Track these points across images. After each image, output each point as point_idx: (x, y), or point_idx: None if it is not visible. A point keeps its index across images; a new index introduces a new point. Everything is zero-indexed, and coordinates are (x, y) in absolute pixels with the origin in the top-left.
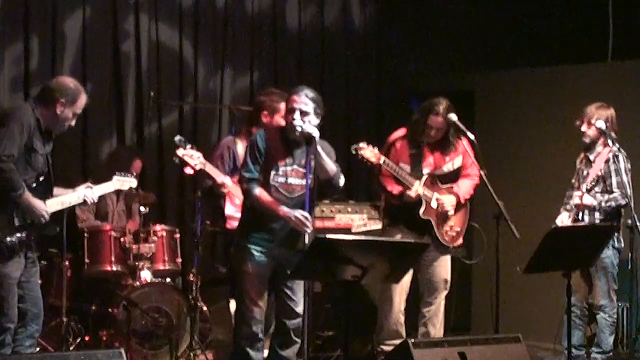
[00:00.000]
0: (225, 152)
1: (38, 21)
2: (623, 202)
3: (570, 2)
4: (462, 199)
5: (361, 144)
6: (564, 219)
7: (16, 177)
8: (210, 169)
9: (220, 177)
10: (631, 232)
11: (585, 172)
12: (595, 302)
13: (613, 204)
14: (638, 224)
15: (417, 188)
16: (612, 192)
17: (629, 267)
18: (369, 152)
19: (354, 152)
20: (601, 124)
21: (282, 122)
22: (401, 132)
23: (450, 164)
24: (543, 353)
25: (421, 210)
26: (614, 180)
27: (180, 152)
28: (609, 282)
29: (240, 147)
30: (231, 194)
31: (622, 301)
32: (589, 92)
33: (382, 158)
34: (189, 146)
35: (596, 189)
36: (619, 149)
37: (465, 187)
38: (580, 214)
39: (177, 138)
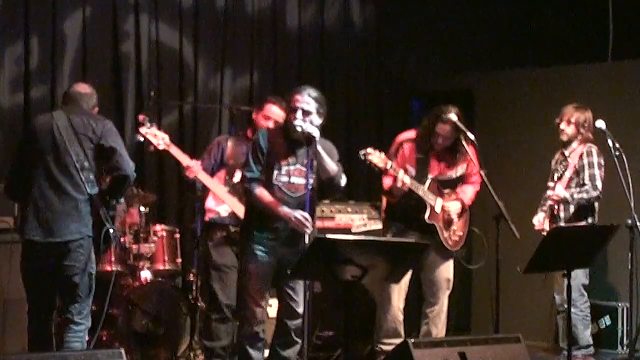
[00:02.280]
0: (215, 147)
1: (38, 21)
2: (594, 194)
3: (570, 2)
4: (467, 205)
5: (369, 150)
6: (540, 219)
7: None
8: (175, 151)
9: (186, 161)
10: (631, 232)
11: (560, 171)
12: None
13: (584, 195)
14: (638, 224)
15: (403, 177)
16: (584, 184)
17: (629, 267)
18: (376, 158)
19: (362, 158)
20: (601, 124)
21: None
22: (411, 134)
23: (454, 171)
24: (543, 353)
25: (426, 215)
26: (586, 173)
27: (143, 130)
28: (579, 276)
29: (230, 145)
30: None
31: (622, 301)
32: (589, 92)
33: (389, 163)
34: (154, 126)
35: (571, 183)
36: (618, 149)
37: (469, 193)
38: (556, 210)
39: (141, 117)
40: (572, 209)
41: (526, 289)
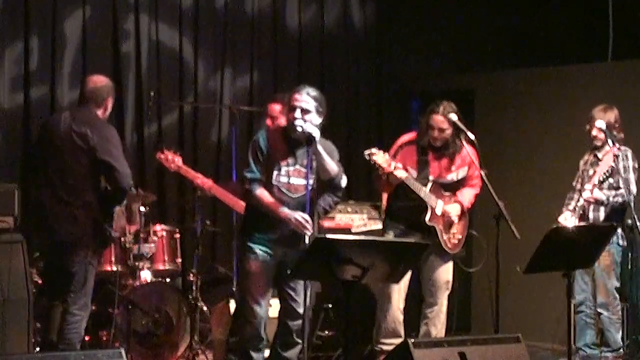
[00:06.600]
0: None
1: (38, 21)
2: (628, 198)
3: (570, 2)
4: (466, 208)
5: (373, 150)
6: (567, 217)
7: None
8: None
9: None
10: (631, 232)
11: (591, 172)
12: (598, 300)
13: (620, 199)
14: (638, 224)
15: (397, 172)
16: (618, 188)
17: (629, 267)
18: (381, 158)
19: (367, 158)
20: (601, 124)
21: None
22: (411, 135)
23: (454, 174)
24: (543, 353)
25: (427, 217)
26: (621, 177)
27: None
28: (611, 279)
29: None
30: None
31: (622, 301)
32: (589, 92)
33: (393, 164)
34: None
35: (604, 184)
36: (619, 148)
37: (469, 195)
38: (586, 211)
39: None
40: (602, 210)
41: (526, 289)
